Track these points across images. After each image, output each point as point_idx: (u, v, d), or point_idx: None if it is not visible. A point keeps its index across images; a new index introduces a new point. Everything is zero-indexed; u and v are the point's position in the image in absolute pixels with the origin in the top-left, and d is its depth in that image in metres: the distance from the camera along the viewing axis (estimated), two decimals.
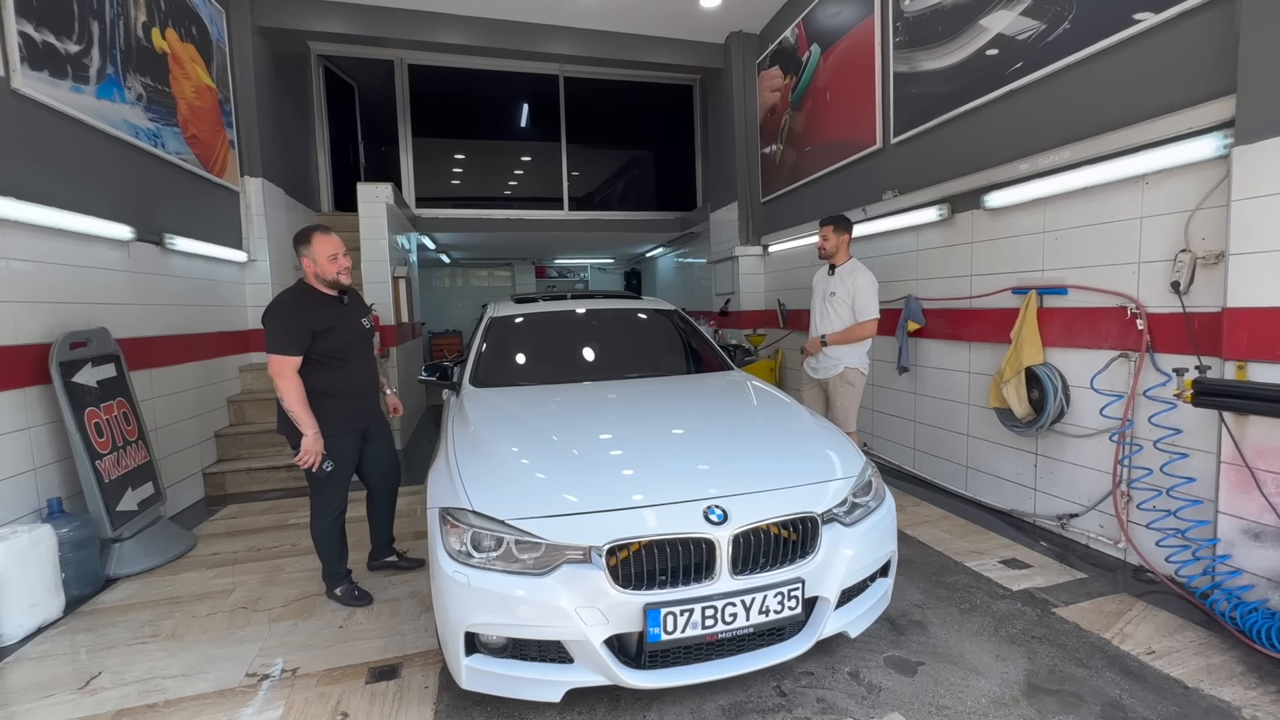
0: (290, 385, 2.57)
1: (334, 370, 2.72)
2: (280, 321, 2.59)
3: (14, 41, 3.03)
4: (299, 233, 2.77)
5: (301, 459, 2.61)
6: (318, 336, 2.64)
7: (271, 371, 2.58)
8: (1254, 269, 2.36)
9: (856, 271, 3.77)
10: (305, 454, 2.60)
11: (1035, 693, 2.07)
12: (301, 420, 2.59)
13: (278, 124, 6.10)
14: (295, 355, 2.58)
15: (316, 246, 2.71)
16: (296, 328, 2.60)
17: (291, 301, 2.68)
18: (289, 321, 2.60)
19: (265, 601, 2.91)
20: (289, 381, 2.57)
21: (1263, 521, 2.37)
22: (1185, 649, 2.29)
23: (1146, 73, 2.84)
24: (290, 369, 2.57)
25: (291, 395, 2.57)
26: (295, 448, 2.67)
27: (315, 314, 2.67)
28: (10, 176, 2.98)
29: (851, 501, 2.21)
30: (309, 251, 2.72)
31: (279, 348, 2.57)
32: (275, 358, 2.57)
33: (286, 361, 2.56)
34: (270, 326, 2.59)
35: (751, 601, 1.90)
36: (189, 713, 2.10)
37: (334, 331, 2.70)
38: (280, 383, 2.57)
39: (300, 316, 2.62)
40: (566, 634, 1.85)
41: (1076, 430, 3.24)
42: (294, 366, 2.58)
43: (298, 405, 2.58)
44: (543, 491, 2.06)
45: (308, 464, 2.62)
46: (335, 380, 2.72)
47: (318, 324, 2.65)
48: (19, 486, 2.96)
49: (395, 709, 2.09)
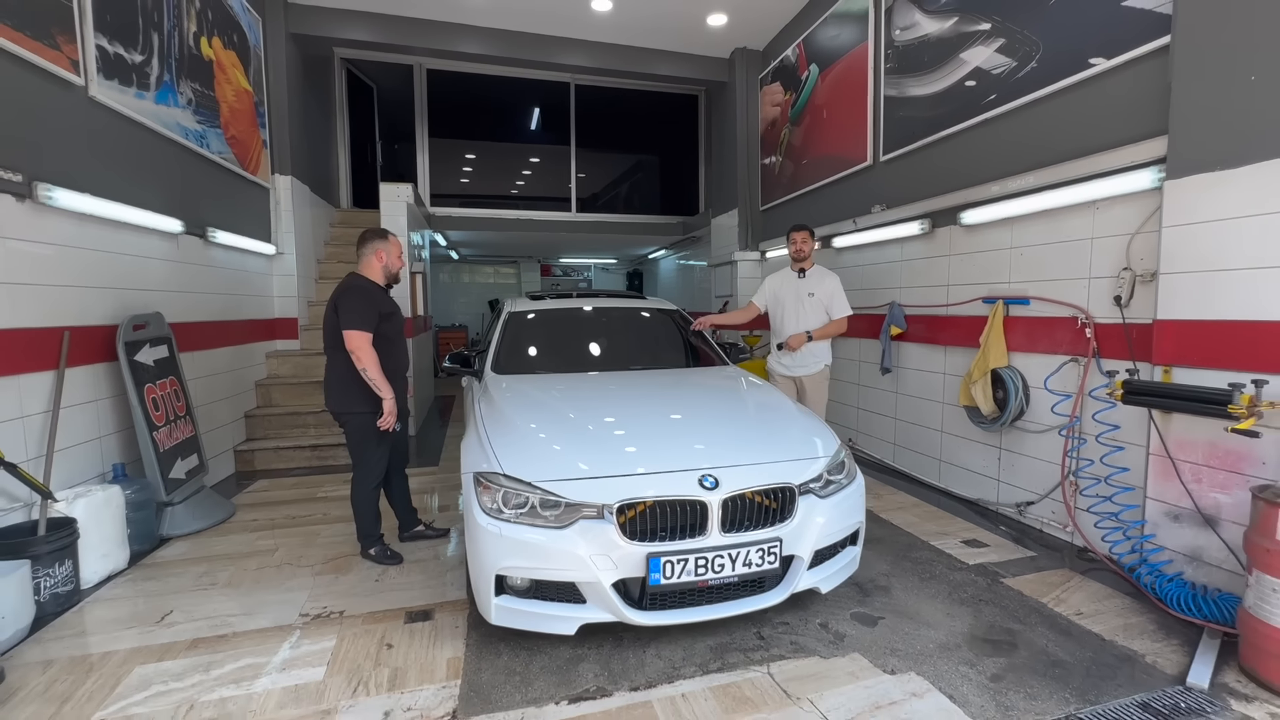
0: (371, 356, 2.98)
1: (386, 350, 3.12)
2: (358, 301, 3.01)
3: (92, 54, 3.38)
4: (374, 230, 3.24)
5: (384, 420, 3.02)
6: (382, 319, 3.06)
7: (352, 346, 2.96)
8: (1179, 287, 2.73)
9: (827, 274, 4.20)
10: (389, 415, 3.02)
11: (975, 641, 2.44)
12: (381, 387, 3.00)
13: (305, 124, 6.46)
14: (370, 331, 3.00)
15: (393, 244, 3.23)
16: (370, 308, 3.03)
17: (364, 287, 3.11)
18: (364, 303, 3.02)
19: (306, 559, 3.27)
20: (370, 353, 2.97)
21: (1181, 505, 2.74)
22: (1109, 612, 2.66)
23: (1099, 111, 3.21)
24: (368, 343, 2.98)
25: (373, 365, 2.97)
26: (346, 425, 3.09)
27: (380, 299, 3.13)
28: (88, 174, 3.34)
29: (826, 478, 2.58)
30: (386, 247, 3.19)
31: (358, 324, 2.97)
32: (354, 333, 2.96)
33: (365, 336, 2.97)
34: (348, 306, 2.99)
35: (737, 555, 2.27)
36: (255, 641, 2.46)
37: (393, 318, 3.16)
38: (363, 355, 2.96)
39: (371, 300, 3.07)
40: (582, 577, 2.21)
41: (1035, 427, 3.62)
42: (370, 341, 2.98)
43: (378, 374, 2.99)
44: (562, 459, 2.43)
45: (388, 425, 3.03)
46: (387, 360, 3.11)
47: (383, 308, 3.10)
48: (89, 452, 3.32)
49: (432, 642, 2.45)
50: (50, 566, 2.69)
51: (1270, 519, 2.10)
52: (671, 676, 2.22)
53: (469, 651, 2.38)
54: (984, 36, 3.90)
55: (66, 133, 3.24)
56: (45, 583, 2.67)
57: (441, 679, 2.21)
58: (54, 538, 2.71)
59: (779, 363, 4.29)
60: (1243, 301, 2.49)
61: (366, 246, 3.18)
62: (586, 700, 2.09)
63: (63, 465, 3.08)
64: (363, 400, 3.05)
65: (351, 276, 3.17)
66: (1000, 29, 3.78)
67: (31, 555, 2.61)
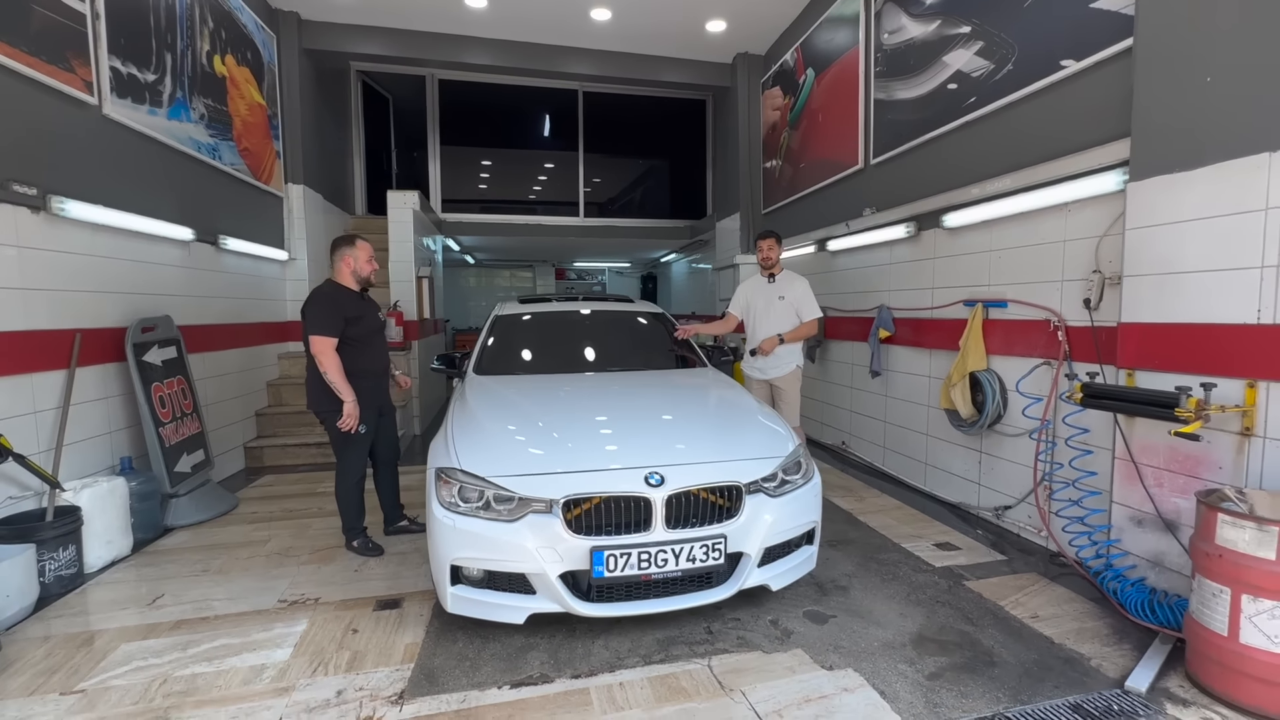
0: (332, 361, 3.11)
1: (357, 352, 3.25)
2: (321, 309, 3.15)
3: (105, 75, 3.63)
4: (342, 237, 3.35)
5: (344, 422, 3.14)
6: (349, 322, 3.19)
7: (315, 351, 3.10)
8: (1142, 290, 2.71)
9: (795, 278, 4.26)
10: (347, 417, 3.14)
11: (921, 640, 2.46)
12: (342, 390, 3.12)
13: (319, 135, 6.74)
14: (333, 336, 3.13)
15: (361, 249, 3.33)
16: (333, 313, 3.15)
17: (329, 293, 3.25)
18: (327, 308, 3.16)
19: (295, 550, 3.44)
20: (330, 358, 3.11)
21: (1144, 510, 2.72)
22: (1066, 616, 2.65)
23: (1070, 113, 3.20)
24: (330, 348, 3.12)
25: (333, 369, 3.10)
26: (325, 423, 3.23)
27: (347, 304, 3.24)
28: (101, 187, 3.58)
29: (781, 477, 2.64)
30: (353, 253, 3.30)
31: (320, 329, 3.11)
32: (317, 338, 3.10)
33: (327, 341, 3.11)
34: (312, 313, 3.14)
35: (681, 550, 2.34)
36: (233, 624, 2.63)
37: (361, 320, 3.27)
38: (324, 359, 3.10)
39: (336, 305, 3.19)
40: (530, 568, 2.31)
41: (1012, 430, 3.60)
42: (333, 346, 3.12)
43: (339, 377, 3.11)
44: (517, 456, 2.54)
45: (348, 427, 3.15)
46: (358, 361, 3.24)
47: (350, 312, 3.21)
48: (98, 446, 3.55)
49: (395, 629, 2.58)
50: (54, 551, 2.90)
51: (1210, 523, 2.08)
52: (614, 666, 2.30)
53: (427, 638, 2.50)
54: (964, 39, 3.90)
55: (80, 148, 3.49)
56: (50, 566, 2.88)
57: (397, 662, 2.33)
58: (58, 524, 2.93)
59: (752, 367, 4.33)
60: (1195, 304, 2.47)
61: (336, 254, 3.32)
62: (528, 686, 2.19)
63: (74, 458, 3.31)
64: (338, 401, 3.19)
65: (322, 284, 3.32)
66: (979, 31, 3.78)
67: (37, 540, 2.82)
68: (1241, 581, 1.99)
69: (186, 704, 2.10)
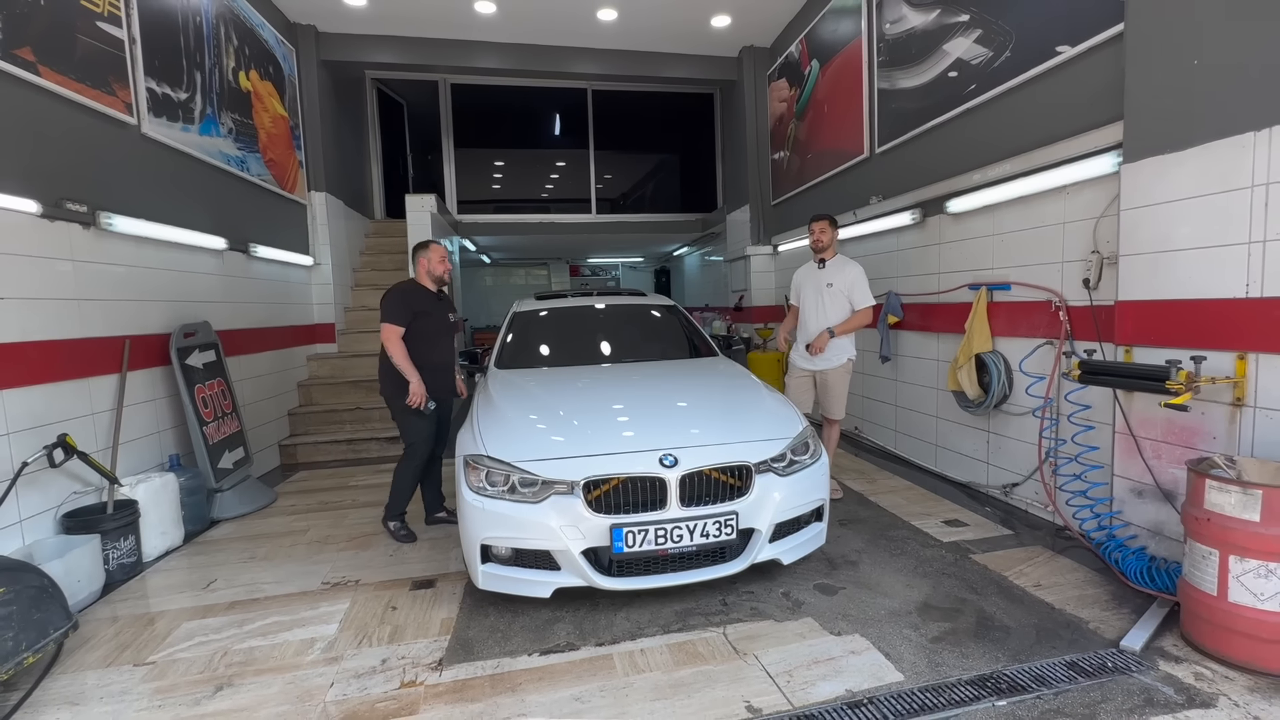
0: (398, 346, 3.42)
1: (423, 346, 3.51)
2: (393, 300, 3.48)
3: (143, 96, 3.86)
4: (420, 243, 3.69)
5: (411, 399, 3.41)
6: (417, 316, 3.48)
7: (384, 337, 3.42)
8: (1137, 268, 2.80)
9: (848, 264, 3.96)
10: (414, 395, 3.41)
11: (926, 608, 2.59)
12: (407, 370, 3.41)
13: (338, 143, 6.97)
14: (400, 325, 3.43)
15: (434, 251, 3.66)
16: (404, 305, 3.47)
17: (403, 288, 3.57)
18: (399, 300, 3.48)
19: (333, 538, 3.66)
20: (397, 344, 3.41)
21: (1143, 481, 2.81)
22: (1068, 584, 2.76)
23: (1067, 97, 3.27)
24: (396, 335, 3.42)
25: (399, 353, 3.41)
26: (390, 406, 3.56)
27: (418, 299, 3.55)
28: (142, 201, 3.82)
29: (790, 457, 2.78)
30: (426, 255, 3.64)
31: (390, 318, 3.43)
32: (387, 325, 3.42)
33: (394, 329, 3.42)
34: (386, 303, 3.47)
35: (695, 526, 2.50)
36: (282, 604, 2.84)
37: (430, 316, 3.56)
38: (390, 345, 3.41)
39: (406, 299, 3.50)
40: (554, 546, 2.48)
41: (1017, 409, 3.69)
42: (399, 334, 3.42)
43: (404, 360, 3.41)
44: (540, 442, 2.71)
45: (416, 404, 3.42)
46: (422, 354, 3.50)
47: (418, 306, 3.52)
48: (148, 444, 3.80)
49: (431, 606, 2.77)
50: (116, 541, 3.14)
51: (1199, 489, 2.18)
52: (635, 635, 2.47)
53: (461, 613, 2.69)
54: (963, 28, 3.97)
55: (123, 166, 3.72)
56: (112, 554, 3.12)
57: (434, 635, 2.52)
58: (118, 517, 3.16)
59: (800, 356, 4.05)
60: (1186, 281, 2.56)
61: (414, 256, 3.68)
62: (556, 653, 2.36)
63: (127, 456, 3.56)
64: (403, 386, 3.44)
65: (402, 280, 3.65)
66: (978, 19, 3.85)
67: (100, 531, 3.06)
68: (1229, 543, 2.09)
69: (247, 672, 2.31)
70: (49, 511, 3.06)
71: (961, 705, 1.98)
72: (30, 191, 3.03)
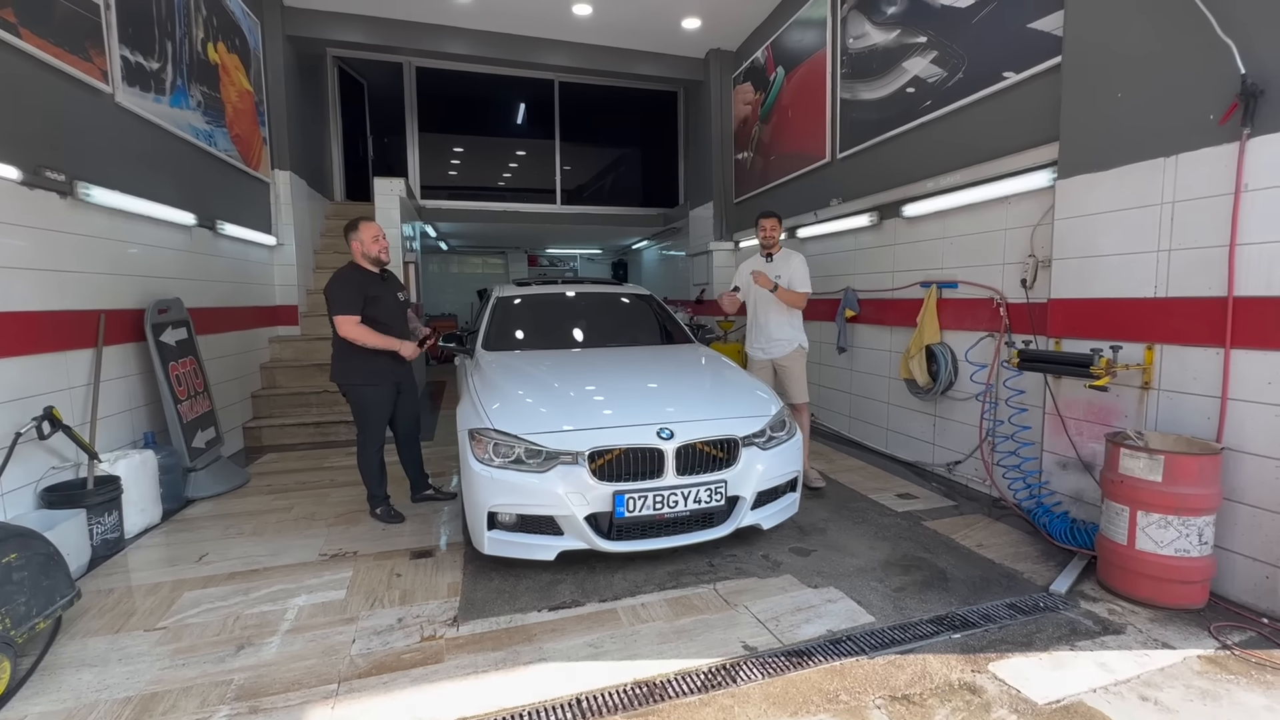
0: (364, 333, 3.33)
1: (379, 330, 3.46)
2: (339, 289, 3.37)
3: (117, 64, 3.76)
4: (349, 223, 3.53)
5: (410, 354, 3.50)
6: (368, 302, 3.39)
7: (342, 332, 3.33)
8: (1068, 270, 3.22)
9: (792, 254, 4.29)
10: (412, 355, 3.48)
11: (888, 565, 2.94)
12: (389, 344, 3.39)
13: (301, 121, 6.81)
14: (355, 314, 3.35)
15: (364, 231, 3.48)
16: (353, 293, 3.37)
17: (346, 274, 3.46)
18: (345, 288, 3.37)
19: (319, 515, 3.70)
20: (360, 331, 3.33)
21: (1068, 455, 3.25)
22: (1004, 544, 3.17)
23: (1010, 117, 3.69)
24: (355, 323, 3.34)
25: (370, 337, 3.34)
26: (347, 395, 3.52)
27: (364, 283, 3.44)
28: (116, 173, 3.72)
29: (770, 434, 3.06)
30: (358, 235, 3.48)
31: (342, 309, 3.33)
32: (341, 317, 3.33)
33: (350, 319, 3.33)
34: (333, 295, 3.36)
35: (689, 493, 2.74)
36: (283, 574, 2.91)
37: (380, 300, 3.47)
38: (354, 334, 3.32)
39: (354, 285, 3.40)
40: (560, 511, 2.67)
41: (961, 395, 4.12)
42: (357, 323, 3.34)
43: (378, 340, 3.36)
44: (544, 416, 2.89)
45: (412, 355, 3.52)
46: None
47: (369, 291, 3.41)
48: (122, 421, 3.72)
49: (434, 572, 2.91)
50: (100, 516, 3.10)
51: (1115, 456, 2.60)
52: (634, 592, 2.69)
53: (466, 578, 2.84)
54: (921, 48, 4.36)
55: (98, 136, 3.62)
56: (96, 530, 3.09)
57: (443, 596, 2.67)
58: (102, 491, 3.12)
59: (755, 348, 4.32)
60: (1108, 282, 2.99)
61: (347, 239, 3.51)
62: (563, 609, 2.56)
63: (103, 432, 3.48)
64: (358, 374, 3.44)
65: (342, 266, 3.51)
66: (935, 42, 4.24)
67: (85, 506, 3.03)
68: (1137, 500, 2.51)
69: (264, 633, 2.39)
70: (28, 486, 3.00)
71: (925, 639, 2.31)
72: (10, 158, 2.95)
